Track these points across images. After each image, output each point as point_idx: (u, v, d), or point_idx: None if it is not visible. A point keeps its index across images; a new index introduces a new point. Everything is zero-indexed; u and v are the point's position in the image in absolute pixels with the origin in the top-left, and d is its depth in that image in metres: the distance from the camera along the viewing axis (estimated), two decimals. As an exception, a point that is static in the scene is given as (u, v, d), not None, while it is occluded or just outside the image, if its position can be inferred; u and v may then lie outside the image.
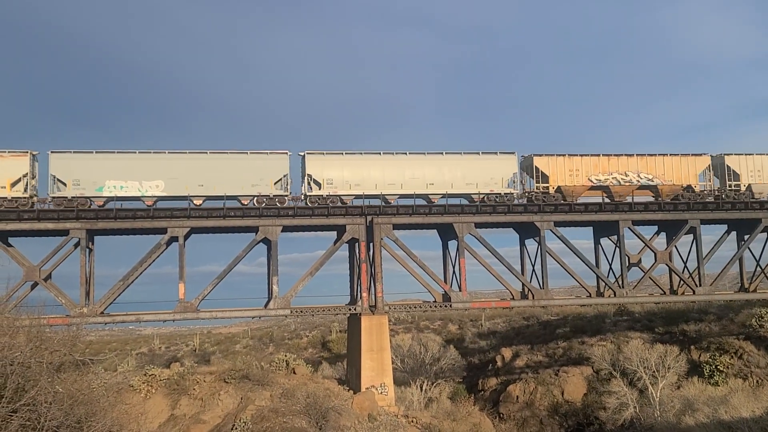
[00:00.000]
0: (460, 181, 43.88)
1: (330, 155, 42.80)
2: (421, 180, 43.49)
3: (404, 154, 43.88)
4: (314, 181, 42.32)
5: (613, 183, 45.59)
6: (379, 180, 42.92)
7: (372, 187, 42.79)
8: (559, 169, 45.14)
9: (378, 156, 43.49)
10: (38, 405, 14.91)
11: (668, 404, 43.39)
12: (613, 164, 45.80)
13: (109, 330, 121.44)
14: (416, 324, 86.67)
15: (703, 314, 62.59)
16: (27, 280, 39.56)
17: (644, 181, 45.99)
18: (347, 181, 42.53)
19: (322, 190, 42.21)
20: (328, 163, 42.56)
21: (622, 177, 45.79)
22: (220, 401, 34.59)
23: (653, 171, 46.14)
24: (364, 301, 42.52)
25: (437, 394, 53.02)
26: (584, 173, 45.34)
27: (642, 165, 46.10)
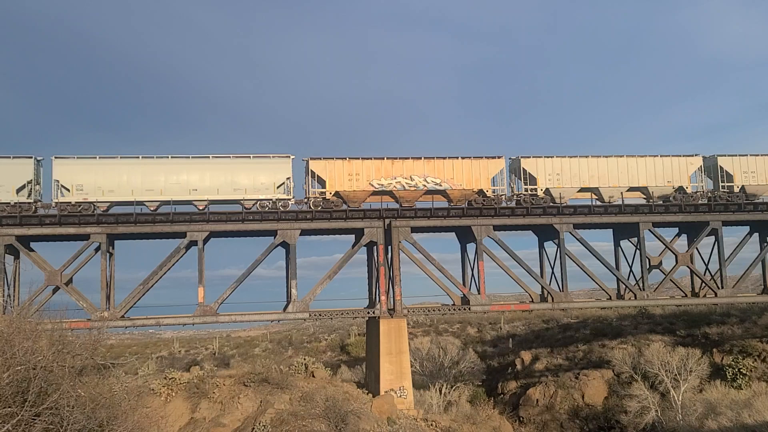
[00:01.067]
0: (227, 187, 41.64)
1: (81, 159, 40.74)
2: (184, 185, 41.32)
3: (166, 158, 41.69)
4: (63, 186, 40.37)
5: (397, 188, 43.39)
6: (137, 186, 40.78)
7: (128, 194, 40.63)
8: (338, 173, 42.97)
9: (136, 160, 41.26)
10: (61, 409, 15.00)
11: (690, 408, 42.99)
12: (398, 168, 43.46)
13: (130, 334, 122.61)
14: (435, 327, 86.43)
15: (725, 317, 61.97)
16: (49, 285, 39.93)
17: (431, 186, 43.74)
18: (99, 186, 40.41)
19: (72, 196, 40.15)
20: (78, 168, 40.56)
21: (407, 182, 43.60)
22: (239, 405, 34.68)
23: (442, 175, 43.86)
24: (383, 305, 42.48)
25: (456, 397, 52.81)
26: (365, 178, 43.33)
27: (429, 169, 43.84)
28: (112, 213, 40.28)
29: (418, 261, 43.11)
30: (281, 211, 41.63)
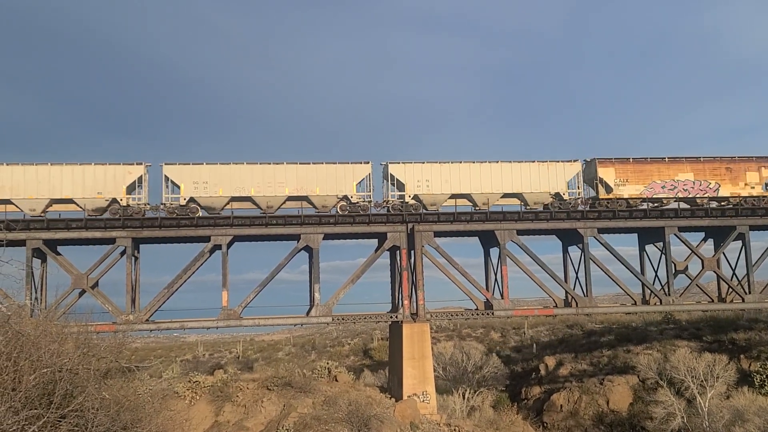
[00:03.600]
0: None
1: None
2: None
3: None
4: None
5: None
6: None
7: None
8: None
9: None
10: (86, 411, 15.14)
11: (717, 414, 42.38)
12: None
13: (154, 337, 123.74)
14: (458, 332, 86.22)
15: (753, 322, 61.09)
16: (75, 288, 40.39)
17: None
18: None
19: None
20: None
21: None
22: (263, 408, 34.77)
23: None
24: (406, 309, 42.42)
25: (480, 402, 52.56)
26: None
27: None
28: (137, 218, 40.65)
29: (440, 265, 43.00)
30: (306, 215, 41.83)
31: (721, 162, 45.56)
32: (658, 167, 44.91)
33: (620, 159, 44.88)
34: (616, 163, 44.75)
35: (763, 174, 45.61)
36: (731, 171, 45.34)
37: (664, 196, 44.76)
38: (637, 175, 44.67)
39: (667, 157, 45.12)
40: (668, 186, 44.70)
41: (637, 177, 44.62)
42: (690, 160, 45.32)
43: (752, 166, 45.75)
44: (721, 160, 45.60)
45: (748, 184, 45.35)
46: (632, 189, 44.36)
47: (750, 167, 45.70)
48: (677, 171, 45.04)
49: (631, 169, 44.68)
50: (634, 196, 44.37)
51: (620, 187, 44.25)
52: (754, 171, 45.60)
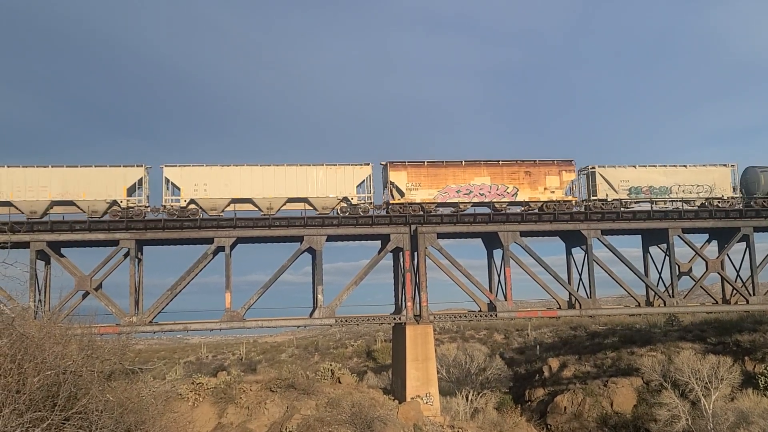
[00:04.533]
0: None
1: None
2: None
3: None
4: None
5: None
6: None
7: None
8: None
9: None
10: (89, 413, 15.12)
11: (722, 417, 42.27)
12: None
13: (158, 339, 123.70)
14: (461, 333, 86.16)
15: (757, 324, 60.92)
16: (78, 290, 40.48)
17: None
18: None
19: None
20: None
21: None
22: (266, 410, 34.78)
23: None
24: (409, 311, 42.40)
25: (483, 404, 52.52)
26: None
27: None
28: (141, 220, 40.69)
29: (444, 267, 42.98)
30: (309, 217, 41.86)
31: (520, 166, 44.12)
32: (453, 171, 43.52)
33: (414, 162, 43.38)
34: (408, 167, 43.21)
35: (564, 178, 44.25)
36: (530, 175, 43.98)
37: (459, 201, 43.15)
38: (431, 179, 43.21)
39: (464, 160, 43.66)
40: (463, 190, 43.24)
41: (430, 181, 43.17)
42: (488, 163, 43.83)
43: (553, 169, 44.34)
44: (520, 164, 44.14)
45: (548, 188, 43.95)
46: (425, 193, 42.93)
47: (550, 171, 44.29)
48: (474, 175, 43.74)
49: (424, 173, 43.29)
50: (427, 200, 42.83)
51: (412, 192, 42.81)
52: (554, 175, 44.22)
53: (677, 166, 45.57)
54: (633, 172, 45.21)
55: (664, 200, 45.26)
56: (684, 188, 45.20)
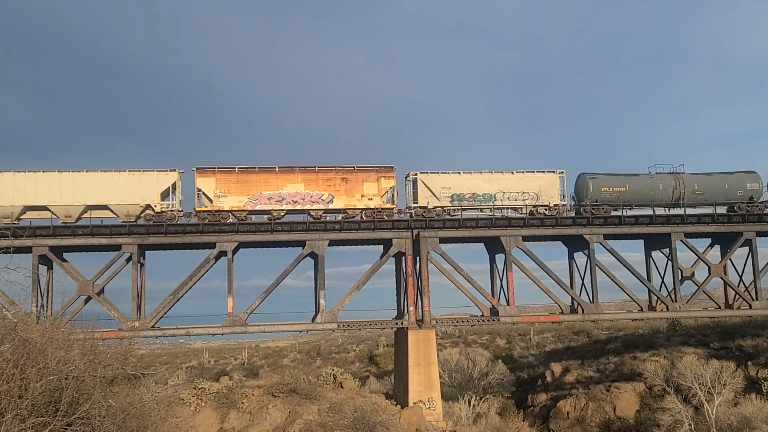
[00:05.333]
0: None
1: None
2: None
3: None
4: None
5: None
6: None
7: None
8: None
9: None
10: (92, 418, 15.11)
11: (725, 422, 42.18)
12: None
13: (160, 343, 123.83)
14: (464, 338, 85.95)
15: (760, 329, 60.70)
16: (81, 295, 40.49)
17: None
18: None
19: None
20: None
21: None
22: (268, 415, 34.75)
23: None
24: (411, 315, 42.39)
25: (486, 409, 52.43)
26: None
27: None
28: (143, 224, 40.74)
29: (446, 271, 42.97)
30: (310, 221, 41.89)
31: (337, 172, 42.98)
32: (266, 178, 42.37)
33: (224, 168, 42.13)
34: (217, 173, 41.93)
35: (382, 185, 43.05)
36: (347, 182, 42.80)
37: (271, 208, 42.10)
38: (242, 186, 42.04)
39: (278, 166, 42.55)
40: (276, 197, 42.25)
41: (240, 188, 42.01)
42: (303, 169, 42.72)
43: (371, 176, 43.13)
44: (337, 171, 43.00)
45: (365, 195, 42.82)
46: (234, 201, 41.76)
47: (369, 177, 43.10)
48: (287, 182, 42.63)
49: (234, 179, 42.03)
50: (236, 208, 41.73)
51: (221, 199, 41.72)
52: (372, 181, 43.06)
53: (503, 173, 44.17)
54: (456, 178, 43.90)
55: (489, 207, 43.80)
56: (509, 195, 43.89)
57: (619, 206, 44.80)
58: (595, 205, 44.31)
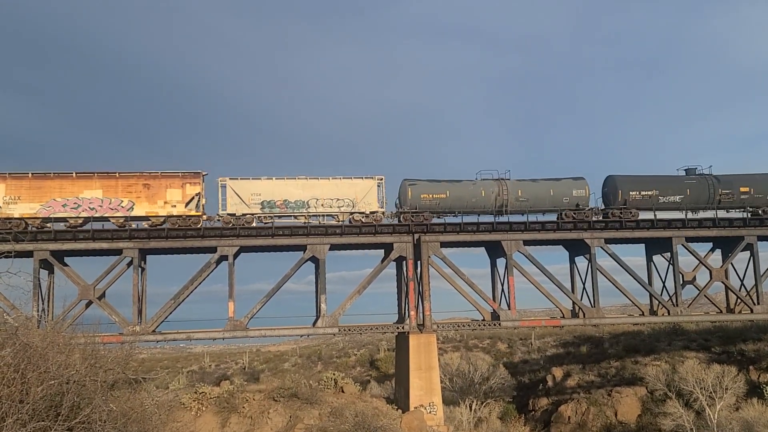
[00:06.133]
0: None
1: None
2: None
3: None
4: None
5: None
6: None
7: None
8: None
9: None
10: (93, 423, 15.10)
11: (726, 426, 42.13)
12: None
13: (161, 348, 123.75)
14: (465, 342, 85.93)
15: (762, 333, 60.71)
16: (82, 299, 40.46)
17: None
18: None
19: None
20: None
21: None
22: (269, 419, 34.72)
23: None
24: (412, 320, 42.34)
25: (487, 413, 52.36)
26: None
27: None
28: (144, 229, 40.76)
29: (447, 276, 42.93)
30: (312, 226, 41.88)
31: (138, 178, 41.16)
32: (61, 183, 40.29)
33: (16, 174, 40.08)
34: (8, 179, 39.75)
35: (187, 191, 41.34)
36: (149, 188, 41.03)
37: (67, 216, 40.14)
38: (34, 192, 39.93)
39: (75, 172, 40.84)
40: (71, 204, 40.23)
41: (33, 194, 39.89)
42: (102, 175, 40.78)
43: (176, 182, 41.37)
44: (139, 176, 41.35)
45: (168, 202, 41.10)
46: (26, 207, 39.68)
47: (173, 184, 41.35)
48: (84, 188, 40.59)
49: (26, 185, 39.93)
50: (28, 215, 39.73)
51: (11, 206, 39.66)
52: (177, 188, 41.33)
53: (318, 179, 42.83)
54: (267, 184, 42.38)
55: (303, 215, 42.43)
56: (323, 202, 42.56)
57: (442, 213, 43.58)
58: (415, 212, 42.95)
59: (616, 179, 45.45)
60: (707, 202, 45.57)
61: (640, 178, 45.85)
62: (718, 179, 46.02)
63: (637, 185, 45.17)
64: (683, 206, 45.44)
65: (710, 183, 45.81)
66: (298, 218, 42.41)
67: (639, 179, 45.67)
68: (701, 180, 46.13)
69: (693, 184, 45.83)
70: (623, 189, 44.89)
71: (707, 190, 45.59)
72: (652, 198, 45.07)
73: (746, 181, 46.23)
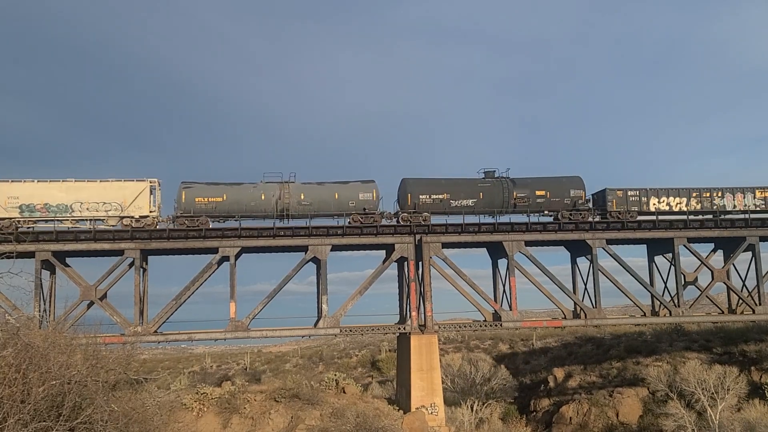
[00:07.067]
0: None
1: None
2: None
3: None
4: None
5: None
6: None
7: None
8: None
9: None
10: (94, 423, 15.11)
11: (728, 427, 42.05)
12: None
13: (162, 348, 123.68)
14: (466, 343, 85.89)
15: (763, 334, 60.60)
16: (83, 300, 40.49)
17: None
18: None
19: None
20: None
21: None
22: (270, 420, 34.74)
23: None
24: (414, 321, 42.33)
25: (488, 414, 52.33)
26: None
27: None
28: (146, 229, 40.79)
29: (449, 276, 42.93)
30: (313, 226, 41.91)
31: None
32: None
33: None
34: None
35: None
36: None
37: None
38: None
39: None
40: None
41: None
42: None
43: None
44: None
45: None
46: None
47: None
48: None
49: None
50: None
51: None
52: None
53: (86, 181, 41.10)
54: (27, 187, 40.27)
55: (68, 219, 40.58)
56: (88, 206, 40.76)
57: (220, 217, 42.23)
58: (188, 217, 41.41)
59: (407, 182, 43.82)
60: (502, 205, 43.99)
61: (431, 181, 44.22)
62: (514, 182, 44.58)
63: (427, 188, 43.54)
64: (477, 210, 43.71)
65: (505, 186, 44.25)
66: (63, 222, 40.58)
67: (430, 182, 44.04)
68: (496, 183, 44.46)
69: (487, 188, 44.16)
70: (413, 192, 43.28)
71: (501, 193, 44.03)
72: (443, 202, 43.40)
73: (543, 185, 44.84)
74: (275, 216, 42.40)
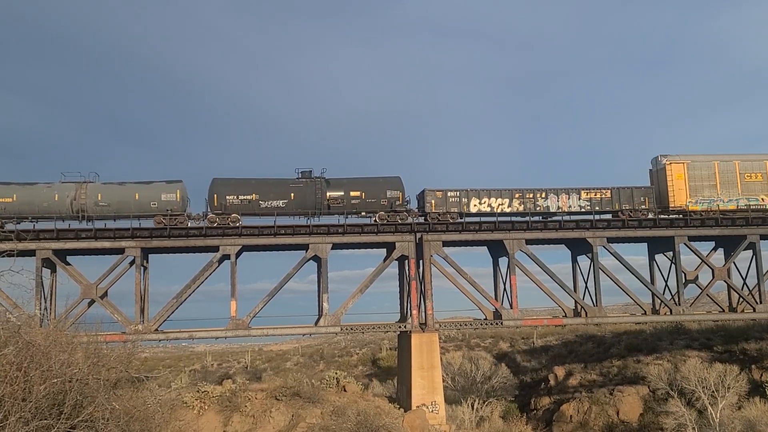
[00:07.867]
0: None
1: None
2: None
3: None
4: None
5: None
6: None
7: None
8: None
9: None
10: (96, 421, 15.14)
11: (729, 425, 42.04)
12: None
13: (163, 347, 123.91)
14: (467, 341, 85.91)
15: (764, 332, 60.59)
16: (84, 298, 40.50)
17: None
18: None
19: None
20: None
21: None
22: (271, 418, 34.74)
23: None
24: (414, 319, 42.33)
25: (489, 412, 52.31)
26: None
27: None
28: (147, 228, 40.82)
29: (449, 275, 42.92)
30: (314, 225, 41.90)
31: None
32: None
33: None
34: None
35: None
36: None
37: None
38: None
39: None
40: None
41: None
42: None
43: None
44: None
45: None
46: None
47: None
48: None
49: None
50: None
51: None
52: None
53: None
54: None
55: None
56: None
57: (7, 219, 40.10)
58: None
59: (214, 182, 42.44)
60: (314, 206, 42.65)
61: (240, 181, 42.80)
62: (329, 182, 43.24)
63: (235, 189, 42.19)
64: (288, 211, 42.42)
65: (318, 186, 42.93)
66: None
67: (238, 182, 42.67)
68: (309, 183, 43.08)
69: (299, 188, 42.83)
70: (219, 193, 41.86)
71: (314, 194, 42.75)
72: (252, 203, 42.05)
73: (358, 186, 43.52)
74: (71, 217, 40.69)
